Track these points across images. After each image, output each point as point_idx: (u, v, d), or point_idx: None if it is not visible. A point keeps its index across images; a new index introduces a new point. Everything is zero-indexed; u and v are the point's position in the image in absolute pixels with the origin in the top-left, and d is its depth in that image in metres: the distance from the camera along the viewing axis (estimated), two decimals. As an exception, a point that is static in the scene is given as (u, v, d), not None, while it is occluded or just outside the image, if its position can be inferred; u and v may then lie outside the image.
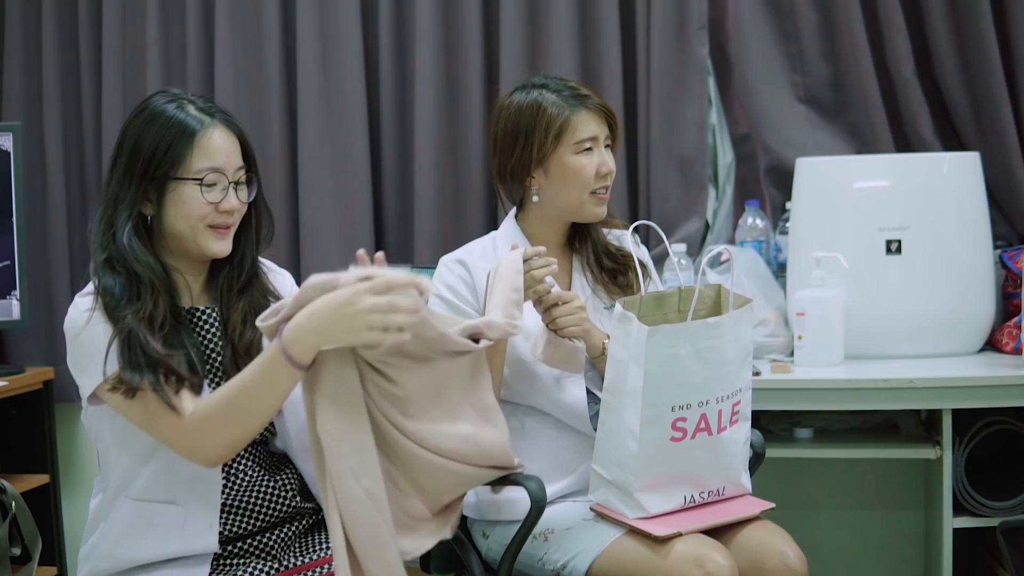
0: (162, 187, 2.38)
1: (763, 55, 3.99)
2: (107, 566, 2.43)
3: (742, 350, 2.67)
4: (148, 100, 2.45)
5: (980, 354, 3.66)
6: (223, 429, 2.23)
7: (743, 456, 2.74)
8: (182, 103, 2.42)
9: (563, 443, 2.85)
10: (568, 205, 2.89)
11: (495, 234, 3.01)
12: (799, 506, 4.01)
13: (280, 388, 2.19)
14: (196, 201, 2.39)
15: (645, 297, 2.73)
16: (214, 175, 2.39)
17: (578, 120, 2.84)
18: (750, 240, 3.89)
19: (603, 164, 2.86)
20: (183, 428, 2.25)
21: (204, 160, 2.39)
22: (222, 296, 2.48)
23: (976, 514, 3.42)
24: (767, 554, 2.62)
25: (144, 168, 2.37)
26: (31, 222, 4.12)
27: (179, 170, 2.38)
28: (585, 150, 2.85)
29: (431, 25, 4.04)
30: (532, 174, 2.88)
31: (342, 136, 4.12)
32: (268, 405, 2.22)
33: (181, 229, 2.41)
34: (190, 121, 2.39)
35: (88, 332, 2.32)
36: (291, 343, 2.14)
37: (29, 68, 4.33)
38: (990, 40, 3.77)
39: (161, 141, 2.37)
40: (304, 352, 2.15)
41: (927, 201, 3.58)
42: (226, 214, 2.42)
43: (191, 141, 2.38)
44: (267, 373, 2.18)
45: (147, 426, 2.30)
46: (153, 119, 2.40)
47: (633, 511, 2.63)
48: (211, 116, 2.42)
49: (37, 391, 3.97)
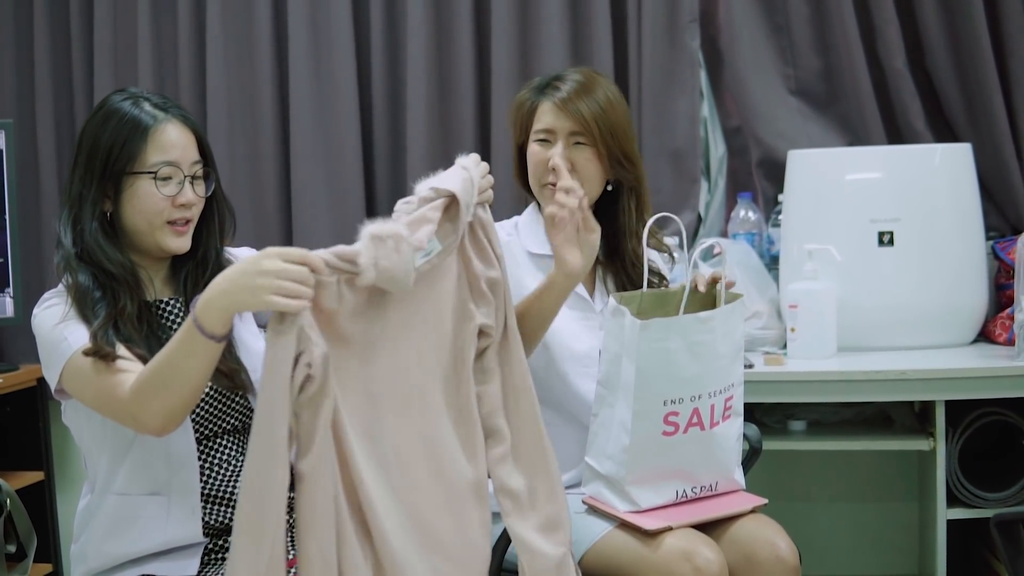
0: (119, 183, 2.40)
1: (754, 48, 3.99)
2: (98, 563, 2.44)
3: (734, 345, 2.67)
4: (106, 99, 2.47)
5: (973, 345, 3.66)
6: (154, 399, 2.20)
7: (736, 452, 2.74)
8: (138, 100, 2.44)
9: (569, 436, 2.83)
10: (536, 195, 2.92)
11: (518, 219, 3.01)
12: (793, 498, 4.01)
13: (198, 356, 2.16)
14: (151, 196, 2.40)
15: (646, 294, 2.73)
16: (168, 168, 2.41)
17: (541, 110, 2.86)
18: (742, 233, 3.89)
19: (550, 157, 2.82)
20: (123, 401, 2.25)
21: (158, 154, 2.40)
22: (187, 290, 2.50)
23: (970, 505, 3.43)
24: (758, 546, 2.62)
25: (103, 166, 2.39)
26: (24, 219, 4.11)
27: (134, 165, 2.39)
28: (541, 140, 2.86)
29: (423, 20, 4.03)
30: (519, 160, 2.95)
31: (334, 133, 4.12)
32: (191, 374, 2.18)
33: (139, 225, 2.42)
34: (144, 117, 2.41)
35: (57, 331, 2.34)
36: (202, 311, 2.12)
37: (21, 65, 4.33)
38: (982, 31, 3.77)
39: (117, 137, 2.39)
40: (215, 317, 2.11)
41: (919, 193, 3.58)
42: (183, 208, 2.43)
43: (145, 136, 2.40)
44: (183, 342, 2.16)
45: (99, 407, 2.31)
46: (109, 117, 2.42)
47: (624, 504, 2.64)
48: (165, 112, 2.44)
49: (31, 388, 3.97)
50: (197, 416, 2.42)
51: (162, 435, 2.27)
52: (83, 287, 2.36)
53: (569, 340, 2.85)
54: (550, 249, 2.72)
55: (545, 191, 2.86)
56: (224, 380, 2.42)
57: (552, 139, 2.85)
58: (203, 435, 2.44)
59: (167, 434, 2.27)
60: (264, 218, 4.13)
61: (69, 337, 2.32)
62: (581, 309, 2.89)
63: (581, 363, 2.84)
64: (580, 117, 2.83)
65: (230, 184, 3.95)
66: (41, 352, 2.39)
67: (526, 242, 2.94)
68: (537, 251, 2.92)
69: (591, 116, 2.83)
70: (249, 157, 4.16)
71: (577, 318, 2.87)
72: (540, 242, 2.91)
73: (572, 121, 2.83)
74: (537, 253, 2.91)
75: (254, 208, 4.12)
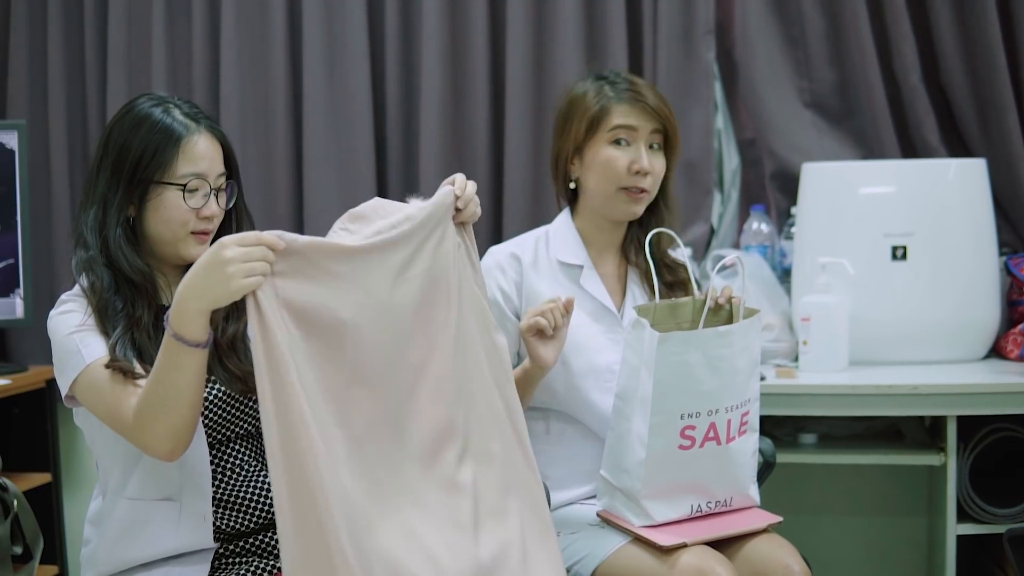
0: (145, 191, 2.40)
1: (770, 60, 3.98)
2: (109, 568, 2.44)
3: (751, 360, 2.67)
4: (133, 103, 2.46)
5: (985, 361, 3.66)
6: (155, 422, 2.21)
7: (751, 467, 2.74)
8: (168, 107, 2.43)
9: (586, 450, 2.84)
10: (598, 197, 2.87)
11: (548, 228, 2.98)
12: (802, 511, 4.00)
13: (186, 369, 2.17)
14: (178, 207, 2.40)
15: (659, 305, 2.73)
16: (197, 181, 2.41)
17: (617, 110, 2.83)
18: (755, 245, 3.89)
19: (636, 161, 2.83)
20: (130, 428, 2.26)
21: (188, 165, 2.40)
22: None
23: (980, 521, 3.42)
24: (772, 567, 2.62)
25: (131, 172, 2.39)
26: (35, 220, 4.11)
27: (164, 175, 2.39)
28: (617, 141, 2.83)
29: (437, 26, 4.03)
30: (572, 162, 2.89)
31: (347, 137, 4.11)
32: (184, 389, 2.19)
33: (163, 234, 2.42)
34: (176, 126, 2.40)
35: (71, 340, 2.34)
36: (177, 322, 2.13)
37: (34, 67, 4.32)
38: (997, 47, 3.76)
39: (148, 145, 2.38)
40: (191, 323, 2.13)
41: (933, 207, 3.57)
42: (206, 220, 2.43)
43: (177, 146, 2.39)
44: (167, 358, 2.16)
45: (110, 426, 2.31)
46: (139, 123, 2.41)
47: (639, 518, 2.64)
48: (196, 122, 2.43)
49: (40, 390, 3.96)
50: (209, 421, 2.41)
51: (172, 459, 2.28)
52: (105, 296, 2.36)
53: (591, 353, 2.85)
54: (580, 259, 2.76)
55: (620, 194, 2.84)
56: (237, 384, 2.42)
57: (631, 138, 2.83)
58: (215, 440, 2.43)
59: (176, 458, 2.28)
60: (276, 222, 4.12)
61: (83, 349, 2.32)
62: (607, 323, 2.88)
63: (601, 377, 2.84)
64: (666, 116, 2.85)
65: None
66: (55, 357, 2.38)
67: (557, 252, 2.92)
68: (569, 260, 2.91)
69: (671, 116, 2.86)
70: (262, 160, 4.16)
71: (602, 331, 2.87)
72: (573, 251, 2.90)
73: (655, 120, 2.84)
74: (568, 263, 2.91)
75: (266, 212, 4.11)
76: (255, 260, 2.06)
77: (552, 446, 2.87)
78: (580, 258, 2.90)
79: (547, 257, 2.91)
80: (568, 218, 2.96)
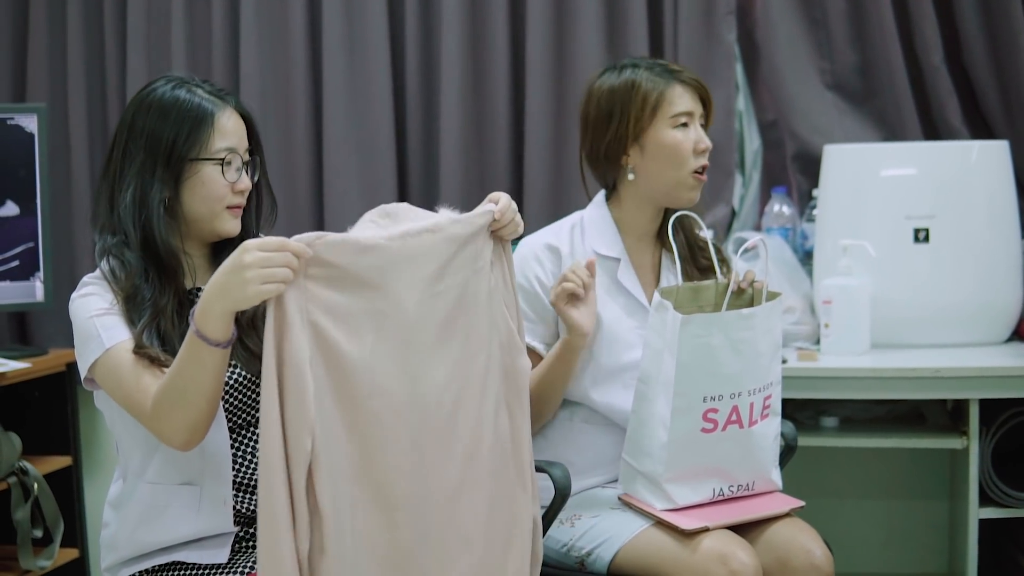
0: (180, 171, 2.40)
1: (791, 41, 3.96)
2: (129, 551, 2.44)
3: (773, 343, 2.66)
4: (152, 86, 2.46)
5: (1007, 344, 3.64)
6: (173, 414, 2.23)
7: (773, 451, 2.73)
8: (190, 87, 2.44)
9: (609, 440, 2.83)
10: (663, 185, 2.85)
11: (582, 215, 2.96)
12: (823, 495, 3.99)
13: (206, 366, 2.18)
14: (216, 182, 2.41)
15: (682, 288, 2.72)
16: (231, 155, 2.43)
17: (673, 94, 2.82)
18: (776, 227, 3.88)
19: (700, 140, 2.83)
20: (148, 417, 2.27)
21: (222, 140, 2.42)
22: None
23: (1002, 505, 3.41)
24: (793, 551, 2.62)
25: (168, 153, 2.39)
26: (55, 204, 4.11)
27: (201, 151, 2.40)
28: (681, 125, 2.82)
29: (457, 10, 4.02)
30: (628, 152, 2.85)
31: (367, 121, 4.11)
32: (204, 384, 2.20)
33: (200, 211, 2.43)
34: (206, 104, 2.42)
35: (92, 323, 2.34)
36: (201, 321, 2.15)
37: (54, 50, 4.32)
38: (1020, 28, 3.74)
39: (181, 127, 2.39)
40: (215, 323, 2.14)
41: (955, 189, 3.56)
42: (240, 194, 2.45)
43: (211, 122, 2.41)
44: (189, 353, 2.18)
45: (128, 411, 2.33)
46: (168, 106, 2.41)
47: (661, 502, 2.63)
48: (222, 99, 2.45)
49: (60, 373, 3.96)
50: (229, 406, 2.41)
51: (187, 450, 2.29)
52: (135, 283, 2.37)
53: (620, 349, 2.83)
54: (616, 252, 2.77)
55: (690, 177, 2.83)
56: (256, 364, 2.40)
57: (690, 122, 2.83)
58: (236, 424, 2.43)
59: (191, 448, 2.29)
60: (296, 206, 4.12)
61: (103, 333, 2.32)
62: (639, 319, 2.85)
63: (628, 373, 2.80)
64: (708, 92, 2.87)
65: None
66: (76, 339, 2.39)
67: (594, 243, 2.90)
68: (606, 253, 2.88)
69: (709, 91, 2.88)
70: (282, 144, 4.15)
71: (633, 327, 2.85)
72: (609, 243, 2.89)
73: (702, 104, 2.86)
74: (605, 255, 2.88)
75: (286, 196, 4.10)
76: (275, 266, 2.08)
77: (577, 434, 2.86)
78: (616, 250, 2.88)
79: (583, 248, 2.88)
80: (604, 207, 2.93)
